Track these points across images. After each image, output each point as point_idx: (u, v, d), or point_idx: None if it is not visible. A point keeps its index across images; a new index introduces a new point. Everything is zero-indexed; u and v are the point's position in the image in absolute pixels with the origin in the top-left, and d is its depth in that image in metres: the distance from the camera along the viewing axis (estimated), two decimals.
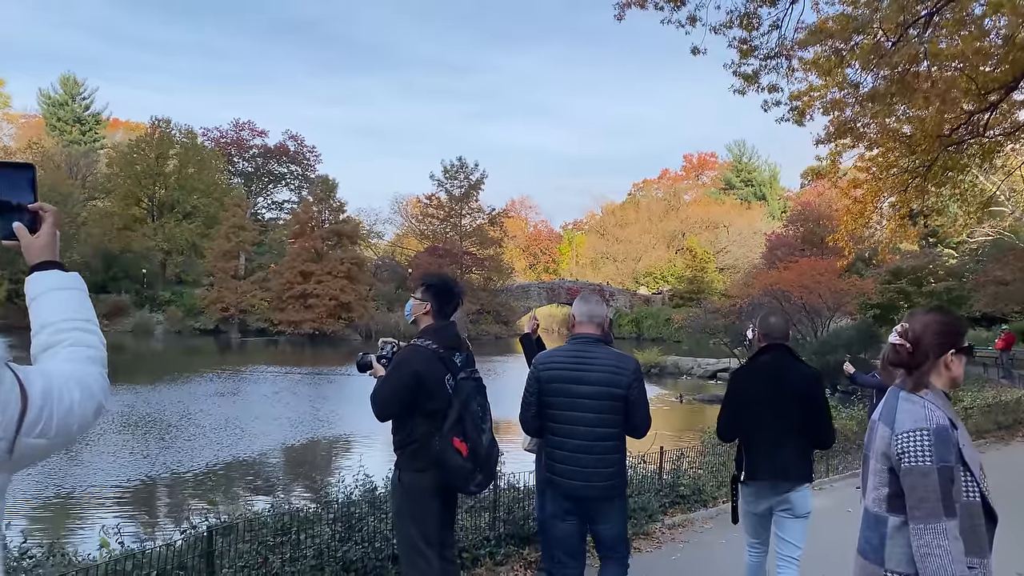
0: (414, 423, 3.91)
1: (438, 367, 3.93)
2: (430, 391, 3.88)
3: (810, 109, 15.09)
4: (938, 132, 13.31)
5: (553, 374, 4.13)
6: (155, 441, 16.72)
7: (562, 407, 4.08)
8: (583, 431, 4.02)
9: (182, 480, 13.76)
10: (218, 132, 75.20)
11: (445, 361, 3.96)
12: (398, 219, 77.72)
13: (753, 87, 13.16)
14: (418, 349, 3.97)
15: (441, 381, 3.91)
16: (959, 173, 16.06)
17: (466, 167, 62.33)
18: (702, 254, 75.39)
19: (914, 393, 2.51)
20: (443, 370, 3.94)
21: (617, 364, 4.08)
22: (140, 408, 21.15)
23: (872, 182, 14.23)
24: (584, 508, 4.11)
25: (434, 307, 4.13)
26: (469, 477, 3.81)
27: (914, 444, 2.39)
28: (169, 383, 26.95)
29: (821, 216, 52.92)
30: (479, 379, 4.05)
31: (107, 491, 12.80)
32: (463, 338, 4.23)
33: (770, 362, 4.67)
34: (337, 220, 57.63)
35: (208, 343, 52.89)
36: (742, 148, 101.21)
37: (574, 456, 4.03)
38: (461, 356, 4.10)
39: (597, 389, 4.01)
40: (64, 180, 59.92)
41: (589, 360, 4.08)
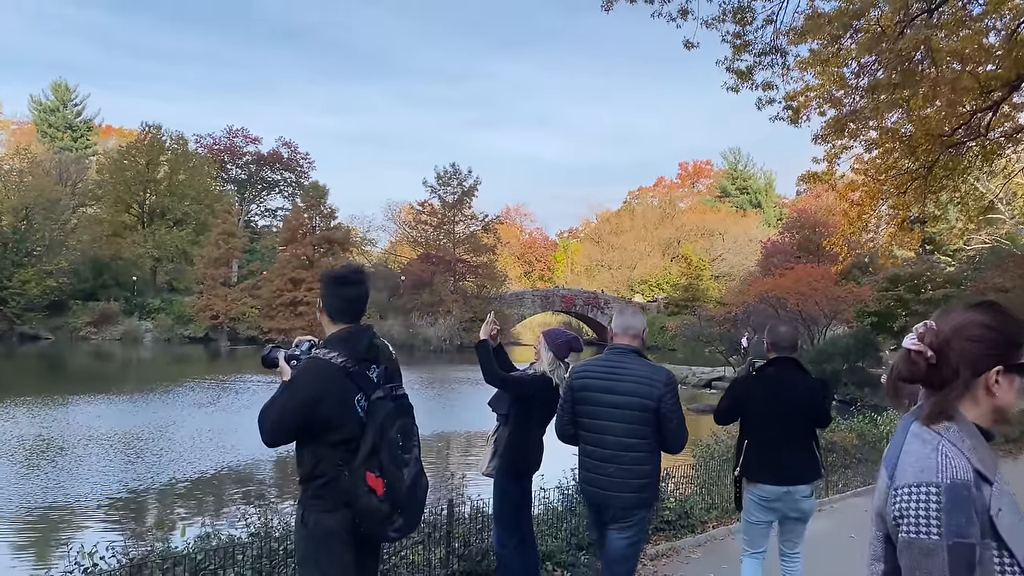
0: (319, 454, 3.14)
1: (343, 386, 3.12)
2: (329, 418, 3.09)
3: (806, 109, 14.61)
4: (939, 132, 12.80)
5: (585, 383, 4.21)
6: (118, 455, 16.02)
7: (592, 416, 4.15)
8: (611, 440, 4.08)
9: (137, 499, 13.06)
10: (211, 139, 74.77)
11: (355, 377, 3.14)
12: (392, 226, 77.16)
13: (747, 84, 12.66)
14: (318, 363, 3.16)
15: (349, 403, 3.11)
16: (959, 177, 15.59)
17: (459, 173, 61.78)
18: (697, 262, 74.93)
19: (929, 426, 1.74)
20: (352, 389, 3.13)
21: (649, 376, 4.13)
22: (110, 420, 20.49)
23: (871, 184, 13.69)
24: (607, 517, 4.19)
25: (327, 304, 3.29)
26: (386, 521, 3.05)
27: (916, 506, 1.66)
28: (147, 393, 26.27)
29: (817, 223, 52.51)
30: (402, 398, 3.27)
31: (55, 511, 12.09)
32: (383, 346, 3.36)
33: (777, 375, 4.88)
34: (328, 227, 57.01)
35: (197, 351, 52.20)
36: (737, 156, 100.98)
37: (601, 465, 4.11)
38: (379, 370, 3.26)
39: (627, 399, 4.07)
40: (53, 186, 59.25)
41: (621, 370, 4.15)
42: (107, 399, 24.30)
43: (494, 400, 5.01)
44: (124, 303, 58.11)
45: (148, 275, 62.94)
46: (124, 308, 57.59)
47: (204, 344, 55.07)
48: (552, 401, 4.69)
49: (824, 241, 50.11)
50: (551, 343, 4.92)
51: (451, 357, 50.44)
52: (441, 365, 44.16)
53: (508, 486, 4.80)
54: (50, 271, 53.77)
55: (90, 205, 66.24)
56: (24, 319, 53.10)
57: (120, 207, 62.95)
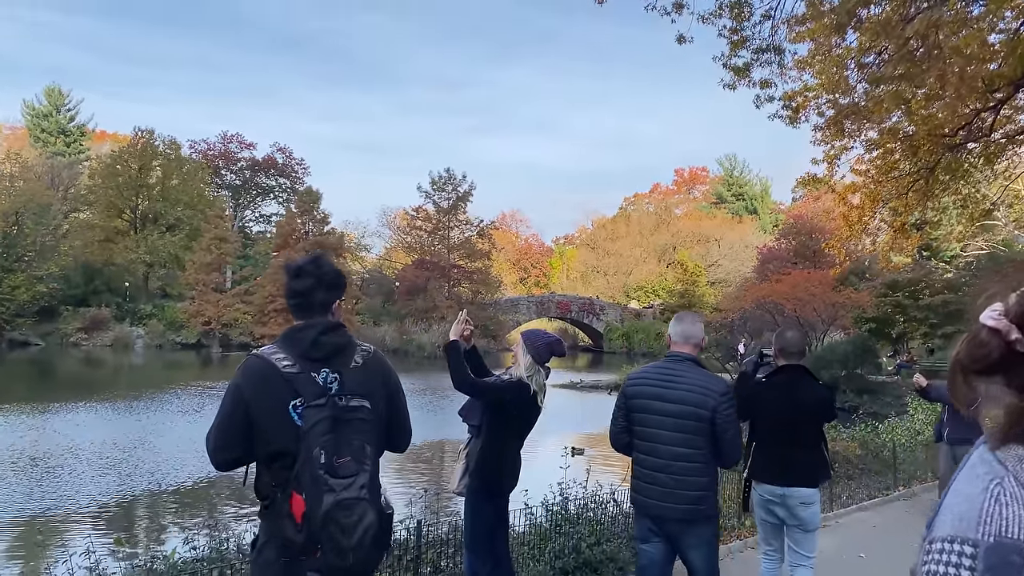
0: (260, 471, 2.68)
1: (277, 389, 2.60)
2: (261, 425, 2.60)
3: (804, 110, 14.26)
4: (941, 132, 12.42)
5: (639, 390, 4.13)
6: (91, 466, 15.49)
7: (645, 424, 4.08)
8: (663, 450, 3.99)
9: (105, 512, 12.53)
10: (205, 144, 74.36)
11: (294, 380, 2.61)
12: (387, 232, 76.75)
13: (744, 81, 12.28)
14: (256, 361, 2.68)
15: (281, 411, 2.59)
16: (960, 179, 15.24)
17: (454, 178, 61.43)
18: (693, 268, 74.63)
19: (996, 452, 1.17)
20: (286, 394, 2.60)
21: (705, 385, 4.02)
22: (88, 428, 19.97)
23: (871, 186, 13.29)
24: (666, 531, 4.06)
25: (288, 296, 2.83)
26: (301, 554, 2.53)
27: (944, 570, 1.11)
28: (131, 400, 25.74)
29: (814, 229, 52.33)
30: (345, 408, 2.63)
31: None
32: (342, 347, 2.77)
33: (787, 382, 4.87)
34: (321, 232, 56.58)
35: (189, 357, 51.70)
36: (733, 162, 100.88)
37: (652, 475, 4.02)
38: (331, 373, 2.68)
39: (680, 408, 3.97)
40: (44, 191, 58.76)
41: (676, 378, 4.06)
42: (88, 407, 23.77)
43: (465, 409, 4.57)
44: (116, 309, 57.59)
45: (140, 281, 62.44)
46: (115, 314, 57.07)
47: (196, 350, 54.56)
48: (530, 410, 4.38)
49: (823, 244, 50.12)
50: (530, 345, 4.48)
51: (445, 364, 49.75)
52: (435, 372, 43.65)
53: (481, 506, 4.35)
54: (40, 277, 53.26)
55: (82, 210, 65.72)
56: (14, 325, 52.58)
57: (112, 212, 62.43)
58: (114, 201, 61.92)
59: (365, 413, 2.66)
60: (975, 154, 14.76)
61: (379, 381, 2.80)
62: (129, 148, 62.69)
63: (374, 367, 2.80)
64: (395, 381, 2.91)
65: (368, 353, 2.83)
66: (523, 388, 4.34)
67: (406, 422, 2.93)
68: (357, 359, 2.78)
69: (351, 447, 2.58)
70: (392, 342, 53.33)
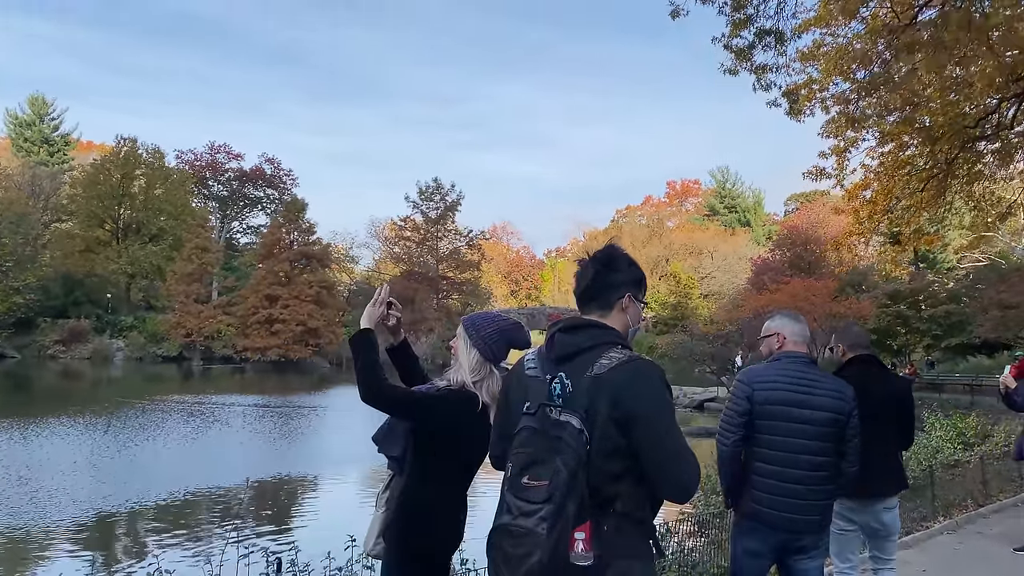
0: None
1: (515, 390, 2.46)
2: (503, 428, 2.45)
3: (809, 103, 13.26)
4: (964, 122, 11.41)
5: (771, 395, 3.72)
6: (61, 482, 14.41)
7: (777, 432, 3.70)
8: (803, 460, 3.66)
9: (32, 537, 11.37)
10: (192, 155, 73.27)
11: (530, 383, 2.40)
12: (375, 244, 75.55)
13: (746, 65, 11.25)
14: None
15: (514, 413, 2.38)
16: (975, 180, 14.28)
17: (442, 188, 60.43)
18: (686, 280, 73.77)
19: None
20: (521, 396, 2.39)
21: (840, 390, 3.74)
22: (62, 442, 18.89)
23: (884, 180, 12.23)
24: (790, 545, 3.73)
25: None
26: None
27: None
28: (94, 416, 24.46)
29: (809, 239, 51.55)
30: (552, 422, 2.22)
31: None
32: (594, 346, 2.34)
33: (861, 374, 4.37)
34: (306, 242, 55.34)
35: (170, 370, 50.40)
36: (725, 174, 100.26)
37: (787, 486, 3.65)
38: (565, 379, 2.31)
39: (823, 415, 3.68)
40: (24, 201, 57.51)
41: (813, 383, 3.72)
42: (63, 421, 22.61)
43: (381, 434, 3.12)
44: (96, 321, 56.33)
45: (123, 292, 61.13)
46: (95, 326, 55.82)
47: (178, 363, 53.31)
48: (479, 431, 2.88)
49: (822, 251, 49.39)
50: (476, 335, 3.06)
51: (434, 375, 48.68)
52: None
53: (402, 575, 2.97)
54: (17, 288, 51.89)
55: (64, 220, 64.48)
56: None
57: (93, 222, 61.16)
58: (95, 211, 60.69)
59: (570, 434, 2.19)
60: (990, 153, 13.86)
61: (609, 400, 2.21)
62: (111, 157, 61.49)
63: (611, 381, 2.23)
64: (644, 405, 2.22)
65: (615, 363, 2.27)
66: (466, 401, 2.98)
67: (668, 463, 2.21)
68: (597, 367, 2.27)
69: (550, 470, 2.15)
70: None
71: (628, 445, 2.20)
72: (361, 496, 13.65)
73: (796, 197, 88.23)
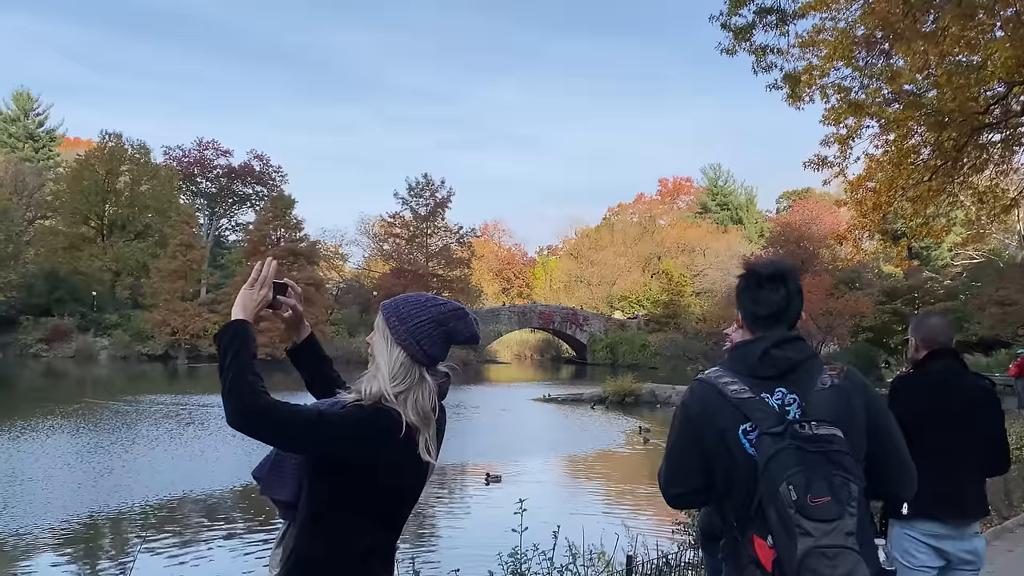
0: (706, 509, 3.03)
1: (723, 415, 2.29)
2: (708, 458, 2.31)
3: (810, 89, 12.71)
4: (975, 107, 10.83)
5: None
6: (43, 484, 13.87)
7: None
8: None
9: None
10: (180, 151, 72.37)
11: (742, 404, 2.26)
12: (365, 241, 74.75)
13: (744, 46, 10.67)
14: (693, 388, 2.42)
15: (728, 440, 2.26)
16: (980, 170, 13.75)
17: (432, 184, 59.66)
18: (678, 278, 73.25)
19: None
20: (734, 420, 2.27)
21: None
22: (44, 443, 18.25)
23: (890, 168, 11.64)
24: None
25: (739, 305, 2.54)
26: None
27: None
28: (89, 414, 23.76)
29: (802, 237, 51.17)
30: (811, 437, 2.17)
31: None
32: (808, 358, 2.36)
33: (940, 373, 3.87)
34: (293, 239, 54.56)
35: (155, 369, 49.63)
36: (717, 172, 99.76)
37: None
38: (788, 395, 2.26)
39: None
40: (6, 196, 56.58)
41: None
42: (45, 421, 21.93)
43: (265, 469, 2.23)
44: (80, 319, 55.40)
45: (108, 290, 60.24)
46: (79, 324, 54.90)
47: (163, 362, 52.55)
48: (404, 465, 2.13)
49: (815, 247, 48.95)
50: (401, 327, 2.19)
51: None
52: None
53: None
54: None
55: (48, 217, 63.55)
56: None
57: (77, 219, 60.26)
58: (80, 207, 59.78)
59: (840, 444, 2.18)
60: (996, 144, 13.34)
61: (856, 407, 2.29)
62: (96, 152, 60.54)
63: (848, 390, 2.30)
64: (880, 408, 2.37)
65: (839, 373, 2.35)
66: (383, 422, 2.09)
67: (910, 462, 2.40)
68: (824, 379, 2.31)
69: (830, 485, 2.12)
70: (367, 354, 51.31)
71: (877, 452, 2.30)
72: None
73: (788, 195, 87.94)
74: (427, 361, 2.19)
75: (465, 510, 13.95)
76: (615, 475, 18.41)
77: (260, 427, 2.00)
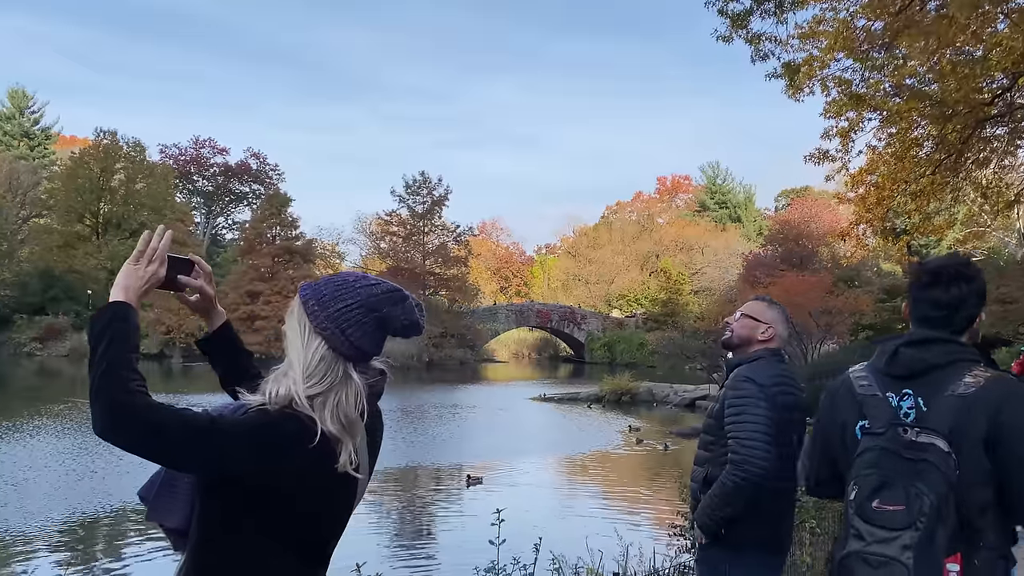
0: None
1: (842, 409, 2.34)
2: (829, 450, 2.37)
3: (809, 80, 12.41)
4: (979, 98, 10.53)
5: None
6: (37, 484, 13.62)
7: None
8: None
9: None
10: (177, 149, 72.13)
11: (864, 401, 2.28)
12: (361, 239, 74.42)
13: (741, 33, 10.36)
14: (834, 381, 2.46)
15: (843, 435, 2.30)
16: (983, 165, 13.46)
17: (429, 182, 59.28)
18: (676, 276, 72.98)
19: None
20: (852, 415, 2.30)
21: None
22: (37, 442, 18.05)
23: (893, 162, 11.34)
24: None
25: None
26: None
27: None
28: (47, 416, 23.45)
29: (801, 235, 50.95)
30: (907, 443, 2.12)
31: None
32: (950, 363, 2.23)
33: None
34: (289, 237, 54.25)
35: (151, 368, 49.21)
36: (716, 170, 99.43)
37: None
38: (914, 397, 2.19)
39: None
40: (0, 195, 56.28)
41: None
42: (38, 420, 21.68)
43: (152, 490, 1.82)
44: (74, 318, 55.13)
45: (103, 288, 59.92)
46: (73, 323, 54.63)
47: (158, 361, 52.23)
48: (322, 485, 1.73)
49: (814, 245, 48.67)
50: (322, 313, 1.79)
51: (419, 374, 47.80)
52: (410, 384, 41.52)
53: None
54: None
55: (42, 215, 63.23)
56: None
57: (72, 217, 59.96)
58: (74, 205, 59.51)
59: (935, 456, 2.06)
60: (999, 138, 13.04)
61: (978, 421, 2.07)
62: (91, 150, 60.25)
63: (983, 401, 2.08)
64: (1015, 426, 2.05)
65: (984, 382, 2.10)
66: (290, 430, 1.68)
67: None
68: (961, 386, 2.11)
69: (907, 495, 2.03)
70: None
71: (995, 471, 2.09)
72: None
73: (787, 193, 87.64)
74: (354, 355, 1.78)
75: (444, 516, 13.47)
76: (609, 477, 18.12)
77: (133, 434, 1.56)
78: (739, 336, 3.51)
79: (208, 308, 2.14)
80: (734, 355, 3.57)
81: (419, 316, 1.88)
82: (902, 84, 10.84)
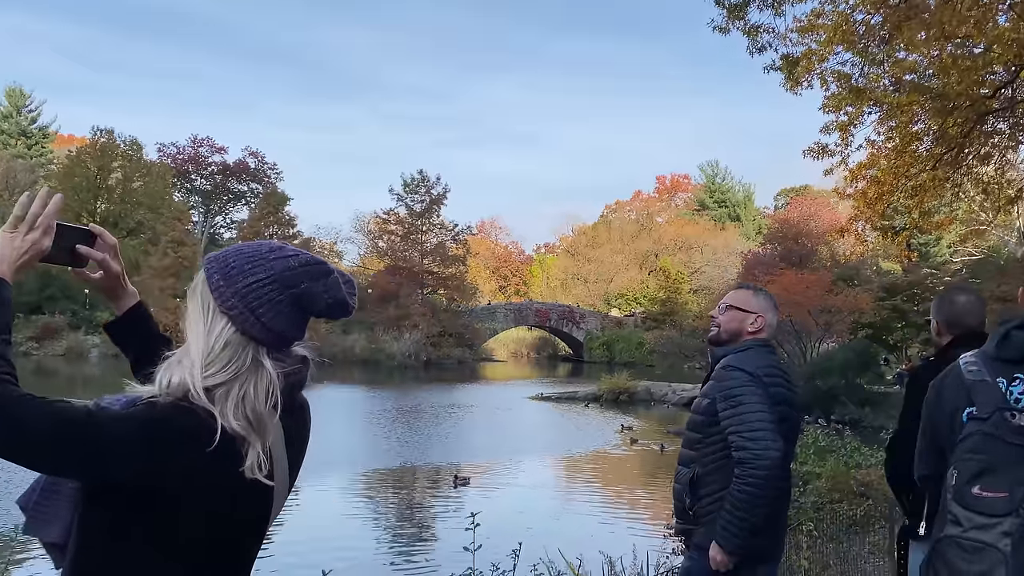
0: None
1: (950, 395, 2.26)
2: (936, 439, 2.32)
3: (808, 74, 12.23)
4: (980, 91, 10.35)
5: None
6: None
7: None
8: None
9: None
10: (175, 148, 71.90)
11: (972, 386, 2.16)
12: (360, 238, 74.24)
13: (738, 24, 10.18)
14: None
15: (949, 421, 2.20)
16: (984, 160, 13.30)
17: (427, 180, 59.11)
18: (675, 275, 72.86)
19: None
20: (958, 401, 2.22)
21: None
22: None
23: (893, 156, 11.17)
24: None
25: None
26: None
27: None
28: None
29: (800, 233, 50.86)
30: (1014, 428, 2.02)
31: None
32: None
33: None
34: (286, 235, 54.09)
35: None
36: (715, 169, 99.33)
37: None
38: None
39: None
40: None
41: None
42: None
43: (31, 499, 1.53)
44: (71, 317, 55.01)
45: None
46: (70, 322, 54.53)
47: None
48: (225, 486, 1.43)
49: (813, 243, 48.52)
50: (228, 288, 1.50)
51: (416, 373, 47.63)
52: (407, 384, 41.37)
53: None
54: None
55: None
56: None
57: (69, 215, 59.28)
58: (71, 204, 59.11)
59: None
60: (1001, 132, 12.88)
61: None
62: (87, 149, 60.13)
63: None
64: None
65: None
66: (182, 425, 1.40)
67: None
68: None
69: (1009, 480, 1.99)
70: (362, 352, 50.85)
71: None
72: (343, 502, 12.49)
73: (786, 192, 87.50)
74: (267, 339, 1.50)
75: (424, 519, 13.18)
76: (606, 477, 17.94)
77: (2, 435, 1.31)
78: (727, 330, 3.30)
79: (115, 287, 1.90)
80: (720, 348, 3.38)
81: (346, 293, 1.56)
82: (901, 79, 10.67)
